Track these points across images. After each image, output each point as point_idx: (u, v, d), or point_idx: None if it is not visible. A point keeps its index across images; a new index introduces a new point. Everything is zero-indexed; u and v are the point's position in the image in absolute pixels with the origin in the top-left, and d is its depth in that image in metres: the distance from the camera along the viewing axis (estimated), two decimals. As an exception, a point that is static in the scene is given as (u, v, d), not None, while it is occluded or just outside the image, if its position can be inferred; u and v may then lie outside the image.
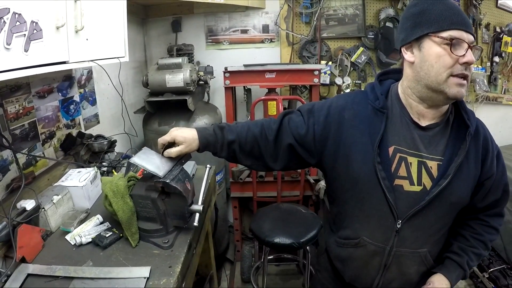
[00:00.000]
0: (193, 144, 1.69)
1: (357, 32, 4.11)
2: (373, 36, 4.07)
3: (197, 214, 1.78)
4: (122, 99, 3.14)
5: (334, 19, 4.07)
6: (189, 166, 2.43)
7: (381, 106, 1.55)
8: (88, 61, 1.88)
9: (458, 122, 1.54)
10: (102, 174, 2.44)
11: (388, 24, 3.95)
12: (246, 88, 3.86)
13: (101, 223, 1.91)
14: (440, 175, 1.49)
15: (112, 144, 2.71)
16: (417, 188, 1.51)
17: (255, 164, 1.79)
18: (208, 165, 2.08)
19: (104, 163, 2.56)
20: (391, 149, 1.52)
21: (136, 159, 1.70)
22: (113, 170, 2.49)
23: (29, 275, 1.58)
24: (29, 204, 1.79)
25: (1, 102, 1.95)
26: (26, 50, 1.36)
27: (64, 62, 1.65)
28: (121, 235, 1.81)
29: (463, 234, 1.72)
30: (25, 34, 1.34)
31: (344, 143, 1.59)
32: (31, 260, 1.68)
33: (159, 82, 3.18)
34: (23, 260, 1.64)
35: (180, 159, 1.78)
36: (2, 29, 1.22)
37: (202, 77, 3.43)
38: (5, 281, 1.54)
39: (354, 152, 1.56)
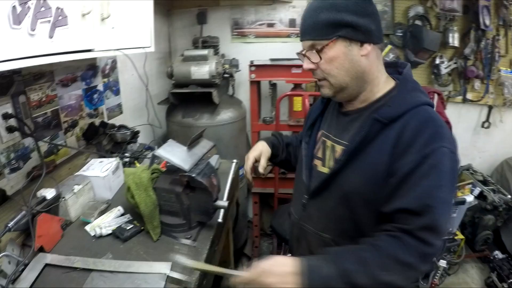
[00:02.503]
0: (267, 150, 1.91)
1: (385, 29, 3.98)
2: (401, 34, 3.97)
3: (222, 210, 1.74)
4: (147, 89, 3.12)
5: (362, 15, 3.99)
6: (213, 160, 2.39)
7: (321, 97, 1.66)
8: (114, 50, 1.86)
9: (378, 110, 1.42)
10: (124, 165, 2.42)
11: (417, 22, 3.84)
12: (271, 82, 3.80)
13: (122, 215, 1.89)
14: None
15: (135, 134, 2.68)
16: (325, 170, 1.55)
17: None
18: (234, 160, 2.04)
19: (126, 154, 2.54)
20: (320, 133, 1.66)
21: (161, 152, 1.68)
22: (136, 161, 2.47)
23: (46, 265, 1.57)
24: (49, 193, 1.78)
25: (24, 90, 1.94)
26: (51, 37, 1.35)
27: (89, 50, 1.64)
28: (142, 228, 1.78)
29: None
30: (50, 20, 1.32)
31: None
32: (49, 249, 1.67)
33: (184, 74, 3.14)
34: (41, 250, 1.64)
35: (205, 153, 1.75)
36: (26, 14, 1.20)
37: (227, 70, 3.38)
38: (23, 270, 1.53)
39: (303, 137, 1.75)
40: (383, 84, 1.45)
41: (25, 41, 1.23)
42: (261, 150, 1.90)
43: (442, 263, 3.10)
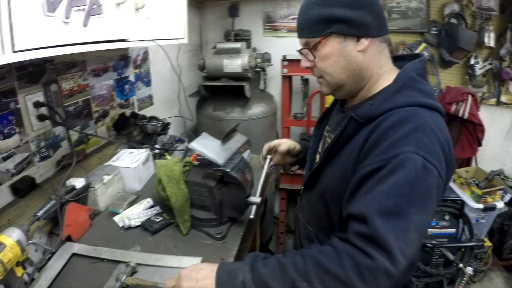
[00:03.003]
0: (296, 145, 1.89)
1: (420, 27, 3.90)
2: (436, 32, 3.87)
3: (254, 207, 1.71)
4: (180, 80, 3.11)
5: (396, 12, 3.89)
6: (244, 155, 2.37)
7: None
8: (148, 40, 1.86)
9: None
10: (154, 156, 2.41)
11: (453, 20, 3.74)
12: (303, 78, 3.76)
13: (151, 206, 1.88)
14: None
15: (165, 126, 2.67)
16: None
17: None
18: (268, 156, 2.01)
19: (156, 145, 2.52)
20: (326, 128, 1.62)
21: (195, 145, 1.66)
22: (166, 153, 2.45)
23: (73, 254, 1.57)
24: (79, 182, 1.78)
25: (55, 78, 1.94)
26: (85, 25, 1.35)
27: (123, 40, 1.64)
28: (171, 221, 1.76)
29: None
30: (84, 9, 1.33)
31: None
32: (77, 239, 1.68)
33: (216, 67, 3.12)
34: (68, 239, 1.64)
35: (239, 148, 1.73)
36: (60, 2, 1.20)
37: (259, 64, 3.34)
38: (49, 258, 1.53)
39: None
40: (383, 79, 1.33)
41: (59, 29, 1.22)
42: (286, 140, 1.91)
43: (469, 270, 3.02)
